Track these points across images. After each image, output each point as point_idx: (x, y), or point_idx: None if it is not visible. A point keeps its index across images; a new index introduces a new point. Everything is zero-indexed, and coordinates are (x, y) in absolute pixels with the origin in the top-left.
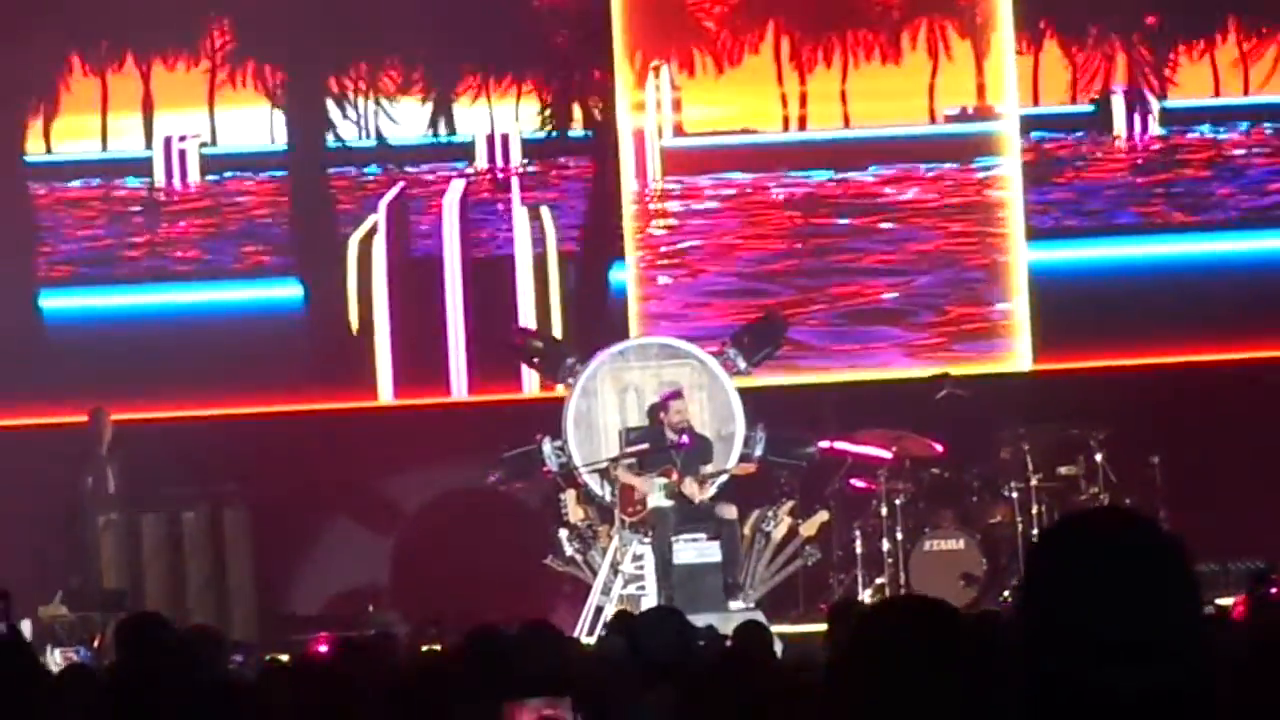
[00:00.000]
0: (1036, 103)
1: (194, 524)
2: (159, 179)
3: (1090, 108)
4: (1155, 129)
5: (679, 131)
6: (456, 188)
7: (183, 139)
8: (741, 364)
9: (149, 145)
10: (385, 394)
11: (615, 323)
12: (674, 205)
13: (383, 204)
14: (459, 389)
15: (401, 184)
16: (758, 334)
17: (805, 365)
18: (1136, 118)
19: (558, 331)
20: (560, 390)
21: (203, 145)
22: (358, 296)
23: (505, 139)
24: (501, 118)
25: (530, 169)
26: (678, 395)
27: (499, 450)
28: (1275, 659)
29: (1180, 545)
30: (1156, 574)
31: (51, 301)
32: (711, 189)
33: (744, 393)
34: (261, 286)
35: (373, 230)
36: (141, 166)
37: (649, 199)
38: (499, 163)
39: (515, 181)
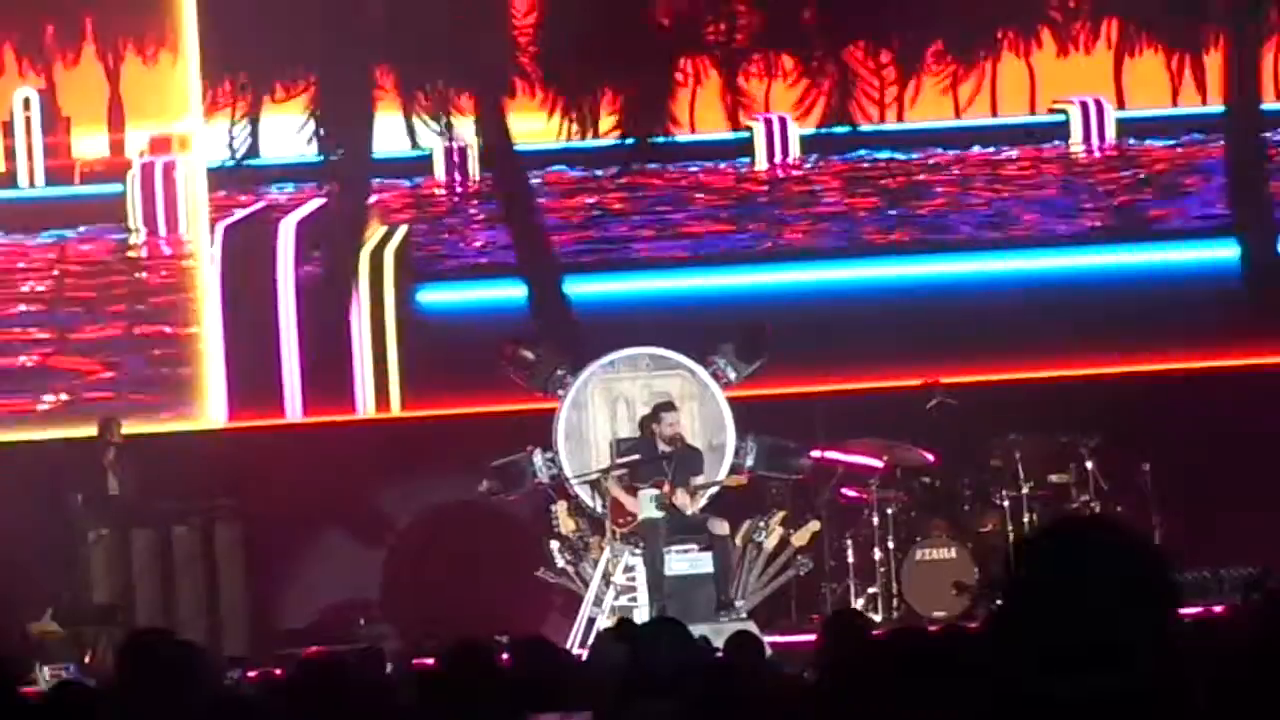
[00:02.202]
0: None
1: (185, 539)
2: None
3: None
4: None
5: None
6: (310, 207)
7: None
8: (731, 375)
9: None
10: (219, 415)
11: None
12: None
13: (220, 226)
14: (293, 410)
15: (261, 205)
16: (744, 344)
17: (795, 374)
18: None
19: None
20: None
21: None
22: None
23: (463, 152)
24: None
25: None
26: (668, 408)
27: (488, 461)
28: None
29: (1149, 552)
30: (1118, 582)
31: None
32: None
33: (735, 403)
34: None
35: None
36: None
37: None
38: (458, 176)
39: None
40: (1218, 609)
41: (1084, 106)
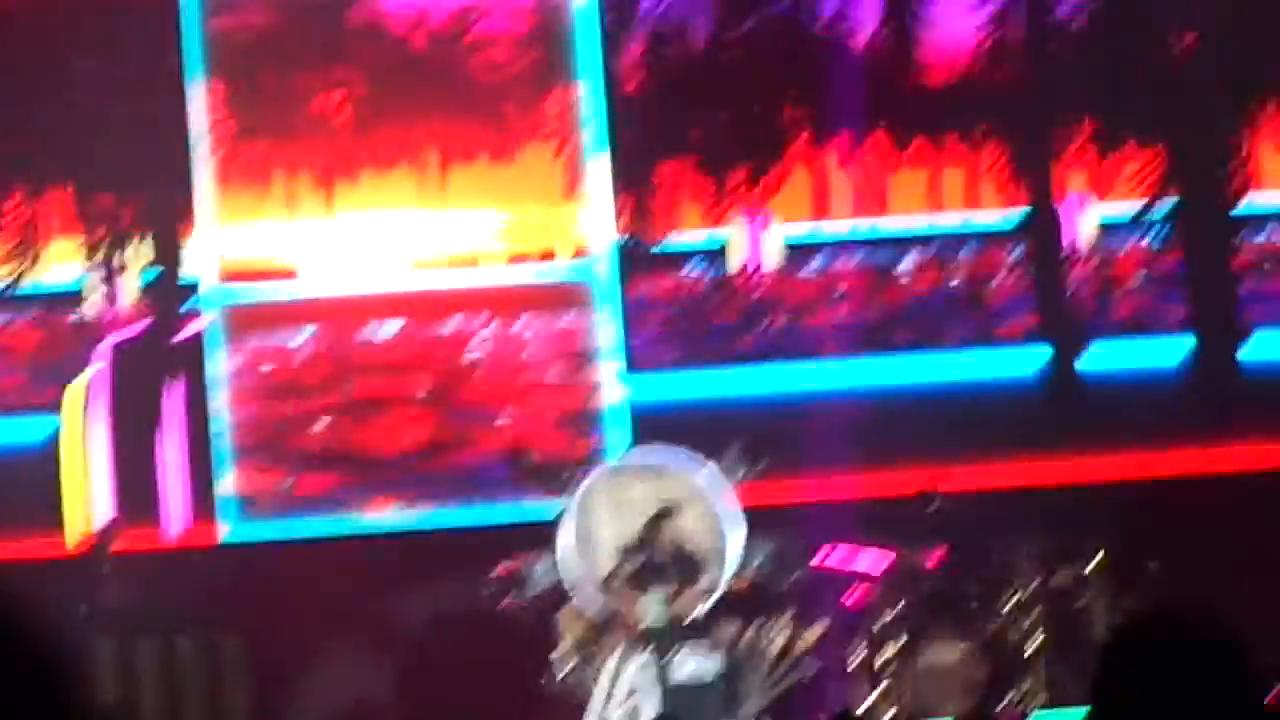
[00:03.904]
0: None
1: (189, 651)
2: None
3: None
4: None
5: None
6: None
7: None
8: (737, 478)
9: None
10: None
11: None
12: None
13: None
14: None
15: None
16: (749, 448)
17: (801, 478)
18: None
19: None
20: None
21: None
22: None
23: None
24: None
25: None
26: (673, 511)
27: (485, 572)
28: None
29: (1234, 643)
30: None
31: None
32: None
33: (740, 506)
34: None
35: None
36: None
37: None
38: None
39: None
40: None
41: (1063, 204)
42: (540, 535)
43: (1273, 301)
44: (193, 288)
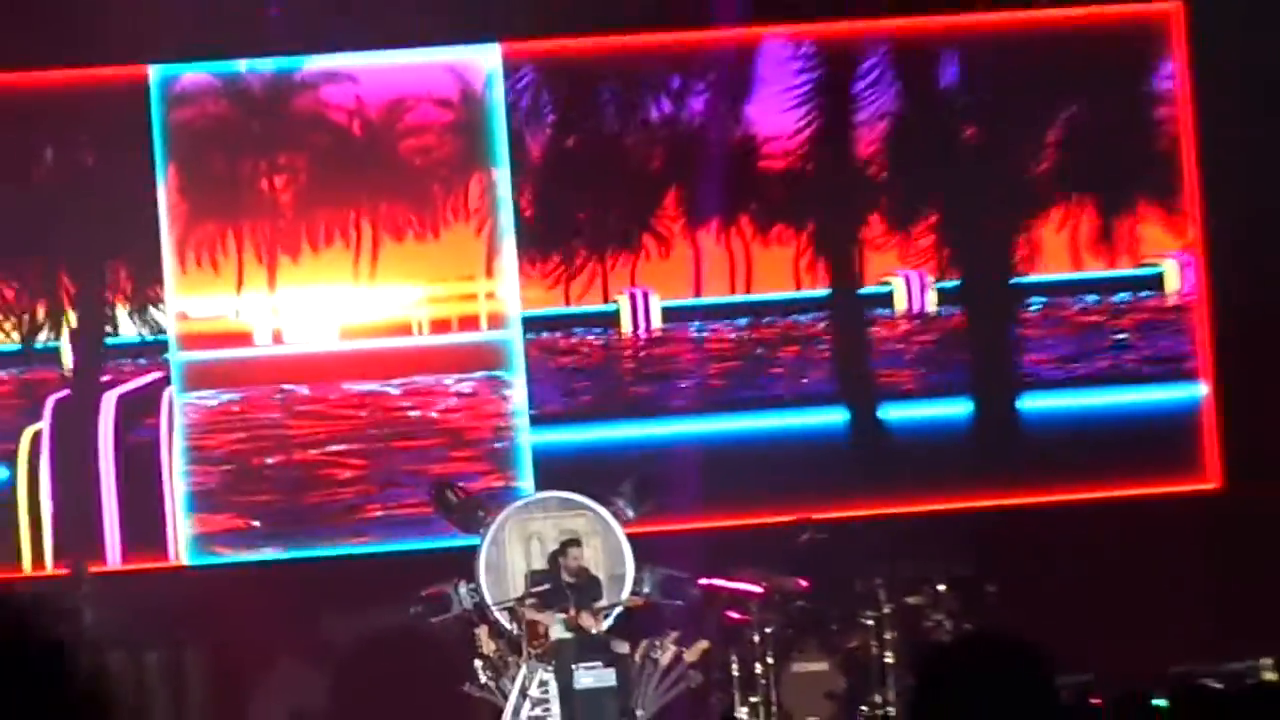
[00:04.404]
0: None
1: (156, 666)
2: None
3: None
4: None
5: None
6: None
7: None
8: (630, 513)
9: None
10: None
11: None
12: None
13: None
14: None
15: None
16: (640, 487)
17: (685, 513)
18: None
19: None
20: None
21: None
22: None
23: None
24: None
25: None
26: (574, 542)
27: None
28: None
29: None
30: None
31: None
32: None
33: (633, 538)
34: None
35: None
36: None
37: None
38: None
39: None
40: None
41: (907, 279)
42: (462, 563)
43: (1046, 364)
44: (126, 348)
